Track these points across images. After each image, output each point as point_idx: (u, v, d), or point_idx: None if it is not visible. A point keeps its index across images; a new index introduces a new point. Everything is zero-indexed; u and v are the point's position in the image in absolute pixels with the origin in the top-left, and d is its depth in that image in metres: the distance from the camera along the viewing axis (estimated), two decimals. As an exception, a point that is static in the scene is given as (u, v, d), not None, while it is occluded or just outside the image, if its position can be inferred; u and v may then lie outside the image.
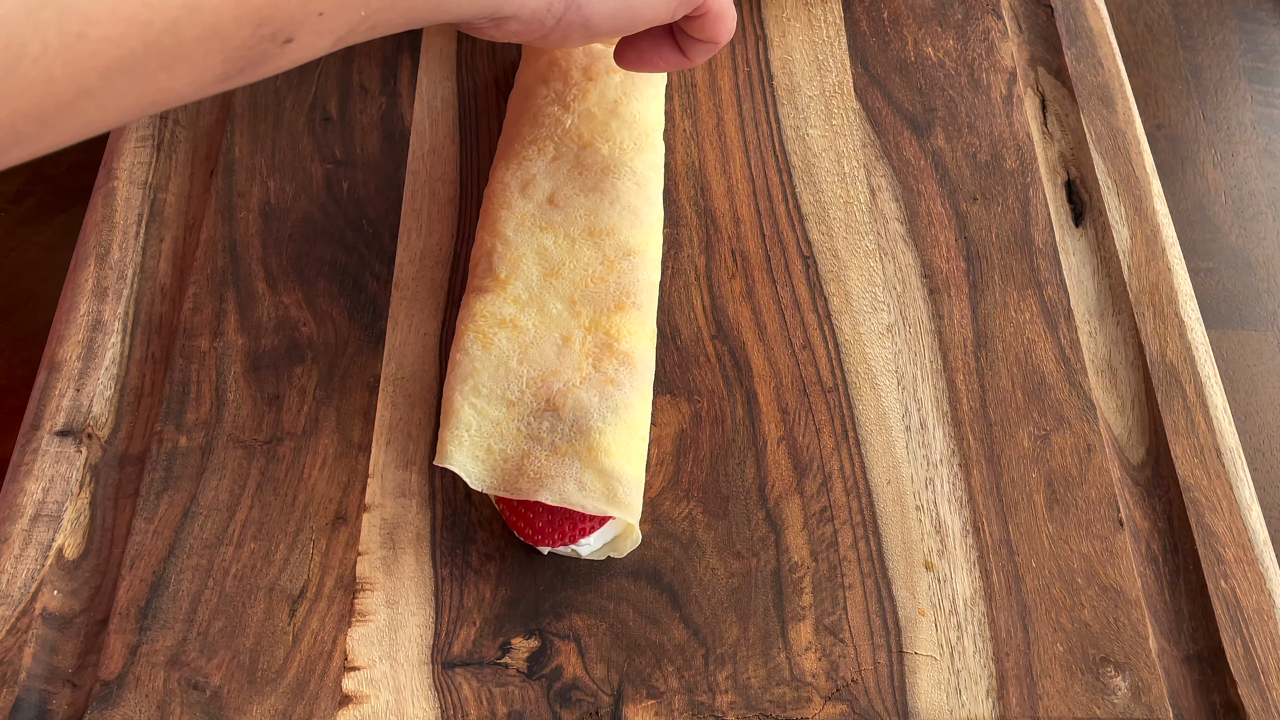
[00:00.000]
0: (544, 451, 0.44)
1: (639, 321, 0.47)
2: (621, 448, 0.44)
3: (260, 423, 0.48)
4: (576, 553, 0.44)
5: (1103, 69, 0.59)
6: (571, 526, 0.43)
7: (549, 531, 0.43)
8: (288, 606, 0.44)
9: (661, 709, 0.42)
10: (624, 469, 0.43)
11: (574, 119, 0.51)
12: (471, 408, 0.45)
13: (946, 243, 0.53)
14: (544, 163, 0.50)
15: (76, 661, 0.44)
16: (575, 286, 0.47)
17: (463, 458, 0.44)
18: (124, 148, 0.56)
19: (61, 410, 0.48)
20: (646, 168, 0.51)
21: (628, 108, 0.52)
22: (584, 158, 0.50)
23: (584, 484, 0.43)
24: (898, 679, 0.43)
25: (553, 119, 0.51)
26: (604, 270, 0.48)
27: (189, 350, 0.50)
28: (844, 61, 0.59)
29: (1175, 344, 0.51)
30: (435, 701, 0.42)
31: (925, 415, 0.48)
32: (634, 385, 0.45)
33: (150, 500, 0.46)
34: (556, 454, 0.44)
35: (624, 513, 0.43)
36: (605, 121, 0.51)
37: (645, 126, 0.52)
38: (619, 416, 0.44)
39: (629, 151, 0.51)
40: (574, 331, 0.46)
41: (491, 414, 0.45)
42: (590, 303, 0.47)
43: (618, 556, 0.45)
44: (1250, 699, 0.43)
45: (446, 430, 0.45)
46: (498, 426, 0.45)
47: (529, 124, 0.52)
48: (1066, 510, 0.46)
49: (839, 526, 0.46)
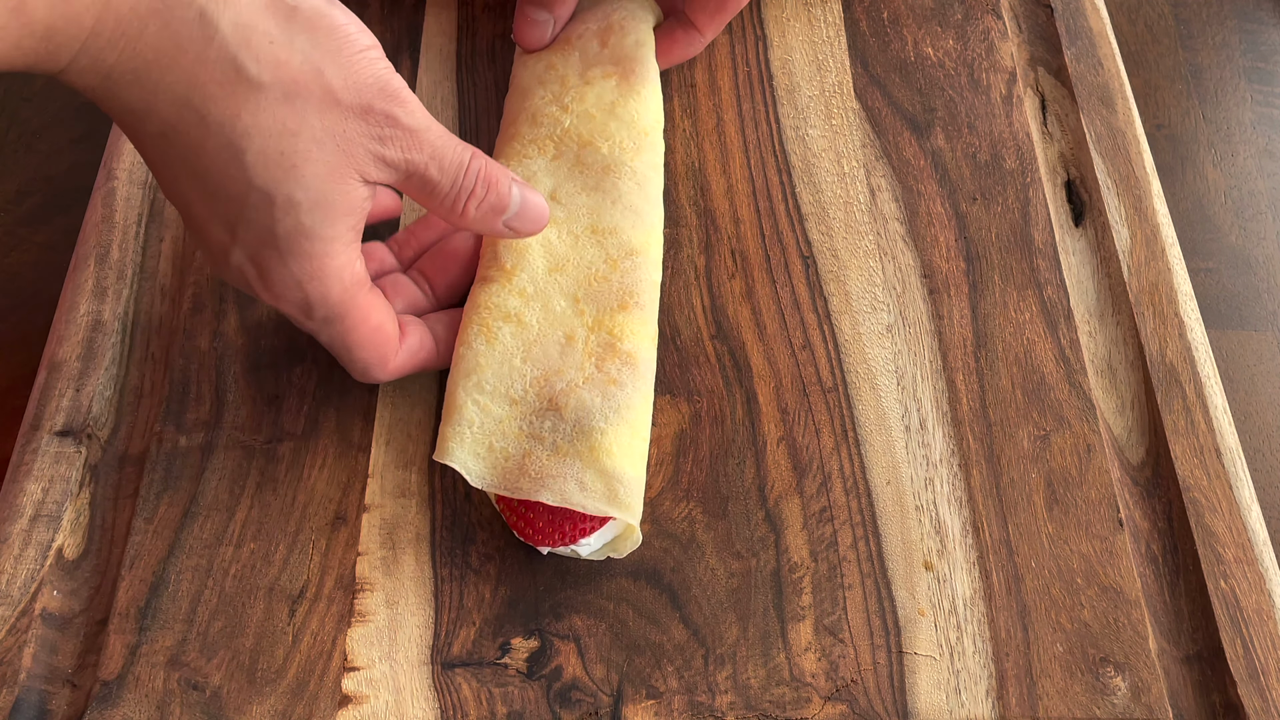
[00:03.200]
0: (545, 451, 0.44)
1: (641, 321, 0.47)
2: (623, 448, 0.44)
3: (260, 423, 0.48)
4: (576, 553, 0.44)
5: (1103, 69, 0.59)
6: (572, 527, 0.43)
7: (549, 531, 0.43)
8: (287, 606, 0.44)
9: (661, 709, 0.42)
10: (625, 469, 0.43)
11: (573, 119, 0.51)
12: (475, 404, 0.45)
13: (946, 243, 0.53)
14: (544, 161, 0.50)
15: (76, 661, 0.44)
16: (579, 284, 0.47)
17: (464, 455, 0.44)
18: (124, 148, 0.56)
19: (61, 410, 0.48)
20: (646, 167, 0.51)
21: (625, 108, 0.52)
22: (584, 156, 0.50)
23: (585, 484, 0.43)
24: (897, 679, 0.43)
25: (551, 119, 0.51)
26: (607, 269, 0.48)
27: (189, 350, 0.50)
28: (844, 61, 0.59)
29: (1175, 344, 0.50)
30: (435, 702, 0.42)
31: (925, 415, 0.48)
32: (636, 385, 0.45)
33: (150, 500, 0.46)
34: (558, 454, 0.44)
35: (625, 513, 0.43)
36: (604, 122, 0.51)
37: (644, 126, 0.52)
38: (621, 417, 0.44)
39: (628, 151, 0.50)
40: (577, 330, 0.46)
41: (494, 411, 0.45)
42: (594, 301, 0.47)
43: (617, 557, 0.45)
44: (1250, 699, 0.43)
45: (449, 426, 0.45)
46: (500, 424, 0.45)
47: (528, 123, 0.52)
48: (1066, 510, 0.46)
49: (839, 526, 0.46)
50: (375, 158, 0.41)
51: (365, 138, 0.40)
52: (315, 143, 0.39)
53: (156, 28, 0.37)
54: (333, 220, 0.41)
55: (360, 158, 0.40)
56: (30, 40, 0.35)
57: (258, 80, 0.38)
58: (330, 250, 0.41)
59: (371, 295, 0.44)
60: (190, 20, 0.37)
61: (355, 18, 0.41)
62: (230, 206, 0.40)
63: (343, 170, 0.40)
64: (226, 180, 0.39)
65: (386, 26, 0.60)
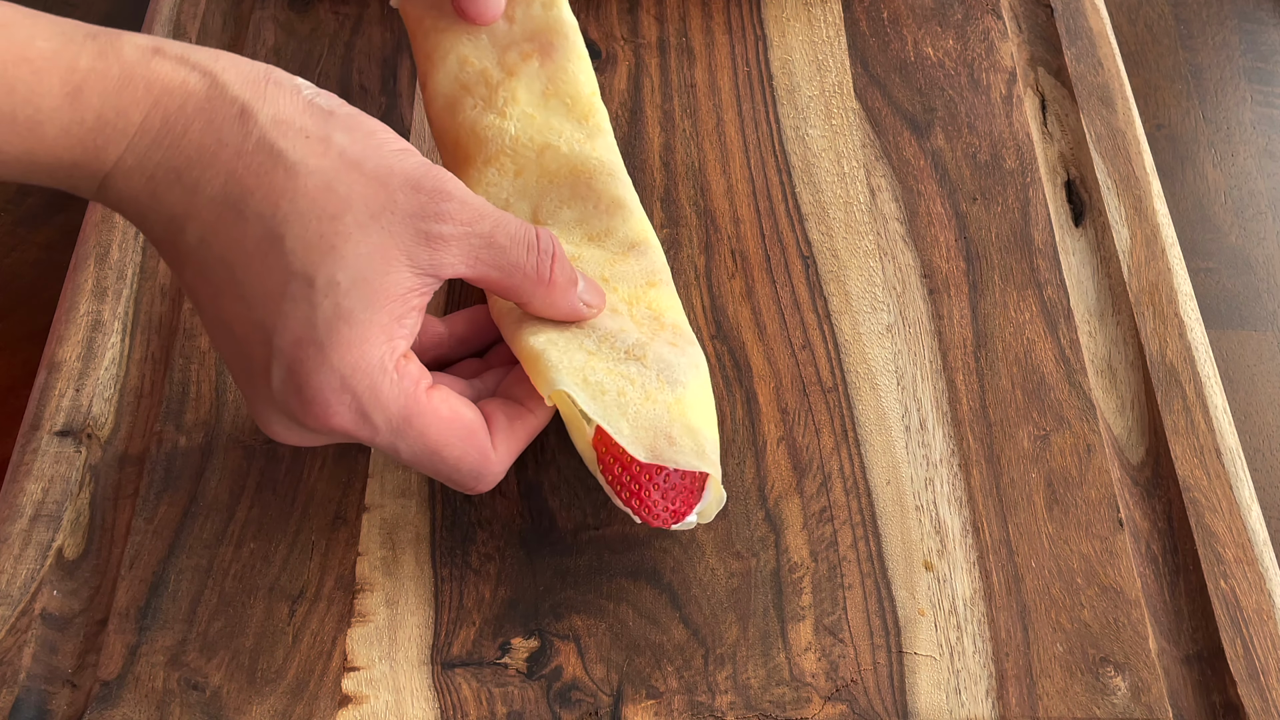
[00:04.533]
0: (638, 394, 0.42)
1: (672, 297, 0.46)
2: (706, 406, 0.43)
3: (260, 423, 0.48)
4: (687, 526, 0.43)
5: (1103, 69, 0.59)
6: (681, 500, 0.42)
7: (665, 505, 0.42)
8: (287, 607, 0.44)
9: (661, 709, 0.42)
10: (704, 428, 0.43)
11: (516, 125, 0.48)
12: (553, 347, 0.42)
13: (946, 243, 0.53)
14: (509, 181, 0.48)
15: (76, 661, 0.44)
16: (599, 270, 0.46)
17: (568, 382, 0.41)
18: (124, 148, 0.56)
19: (61, 410, 0.48)
20: (604, 150, 0.49)
21: (559, 92, 0.49)
22: (547, 163, 0.48)
23: (674, 439, 0.41)
24: (897, 679, 0.43)
25: (495, 130, 0.48)
26: (619, 261, 0.47)
27: (189, 350, 0.50)
28: (844, 61, 0.59)
29: (1175, 344, 0.51)
30: (435, 702, 0.42)
31: (925, 415, 0.48)
32: (697, 350, 0.45)
33: (150, 500, 0.46)
34: (650, 400, 0.42)
35: (714, 469, 0.42)
36: (547, 119, 0.48)
37: (584, 104, 0.49)
38: (698, 374, 0.44)
39: (584, 142, 0.48)
40: (618, 305, 0.45)
41: (576, 358, 0.42)
42: (622, 280, 0.46)
43: (704, 522, 0.44)
44: (1250, 699, 0.43)
45: (537, 364, 0.42)
46: (589, 361, 0.42)
47: (473, 142, 0.49)
48: (1066, 510, 0.46)
49: (839, 526, 0.46)
50: (426, 238, 0.39)
51: (414, 218, 0.38)
52: (358, 225, 0.38)
53: (201, 125, 0.37)
54: (373, 305, 0.38)
55: (408, 241, 0.38)
56: (79, 129, 0.36)
57: (297, 167, 0.37)
58: (368, 336, 0.38)
59: (434, 389, 0.41)
60: (232, 116, 0.37)
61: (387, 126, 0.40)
62: (268, 307, 0.38)
63: (387, 252, 0.38)
64: (265, 275, 0.37)
65: (386, 26, 0.60)
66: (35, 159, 0.36)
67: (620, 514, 0.45)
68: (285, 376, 0.38)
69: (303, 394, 0.38)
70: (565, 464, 0.47)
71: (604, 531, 0.46)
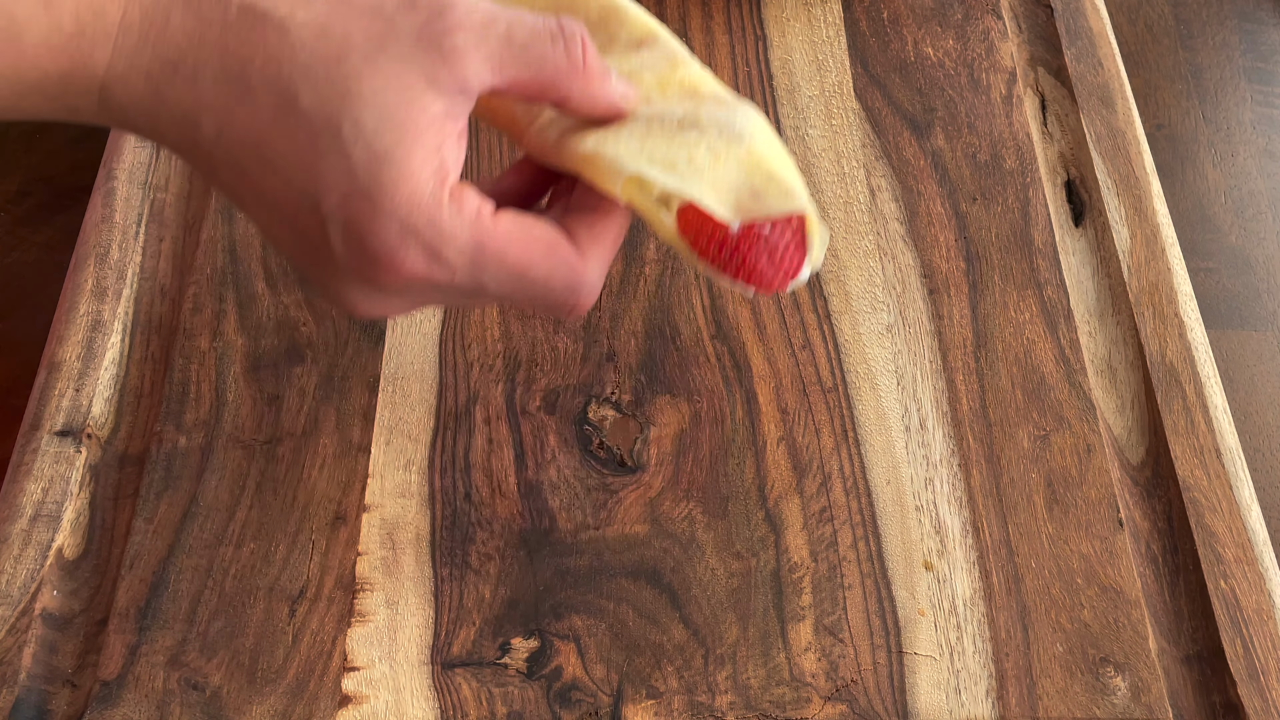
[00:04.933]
0: (707, 156, 0.39)
1: (702, 72, 0.42)
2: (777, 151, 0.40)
3: (260, 423, 0.48)
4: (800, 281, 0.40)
5: (1103, 69, 0.59)
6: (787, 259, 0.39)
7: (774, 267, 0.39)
8: (287, 606, 0.44)
9: (661, 709, 0.42)
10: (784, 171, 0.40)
11: None
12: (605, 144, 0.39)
13: (946, 243, 0.53)
14: None
15: (76, 661, 0.44)
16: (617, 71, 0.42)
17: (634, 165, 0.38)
18: (124, 148, 0.56)
19: (61, 410, 0.48)
20: None
21: None
22: None
23: (756, 190, 0.39)
24: (897, 679, 0.43)
25: None
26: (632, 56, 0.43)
27: (189, 350, 0.50)
28: (844, 61, 0.59)
29: (1175, 344, 0.51)
30: (435, 702, 0.42)
31: (925, 415, 0.48)
32: (748, 107, 0.41)
33: (150, 500, 0.46)
34: (717, 159, 0.39)
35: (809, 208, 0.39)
36: None
37: None
38: (758, 123, 0.40)
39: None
40: (650, 93, 0.41)
41: (631, 145, 0.39)
42: (645, 70, 0.42)
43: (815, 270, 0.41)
44: (1250, 699, 0.43)
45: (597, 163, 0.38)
46: (645, 144, 0.39)
47: None
48: (1066, 510, 0.46)
49: (839, 526, 0.46)
50: (441, 55, 0.36)
51: (422, 37, 0.36)
52: (366, 60, 0.35)
53: (179, 9, 0.36)
54: (407, 139, 0.35)
55: (423, 63, 0.36)
56: (59, 37, 0.35)
57: (286, 22, 0.36)
58: (412, 172, 0.35)
59: (501, 213, 0.38)
60: None
61: None
62: (305, 172, 0.36)
63: (405, 80, 0.35)
64: (292, 140, 0.35)
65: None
66: (22, 76, 0.35)
67: (620, 514, 0.45)
68: (344, 238, 0.36)
69: (366, 250, 0.36)
70: (565, 464, 0.47)
71: (604, 531, 0.46)
